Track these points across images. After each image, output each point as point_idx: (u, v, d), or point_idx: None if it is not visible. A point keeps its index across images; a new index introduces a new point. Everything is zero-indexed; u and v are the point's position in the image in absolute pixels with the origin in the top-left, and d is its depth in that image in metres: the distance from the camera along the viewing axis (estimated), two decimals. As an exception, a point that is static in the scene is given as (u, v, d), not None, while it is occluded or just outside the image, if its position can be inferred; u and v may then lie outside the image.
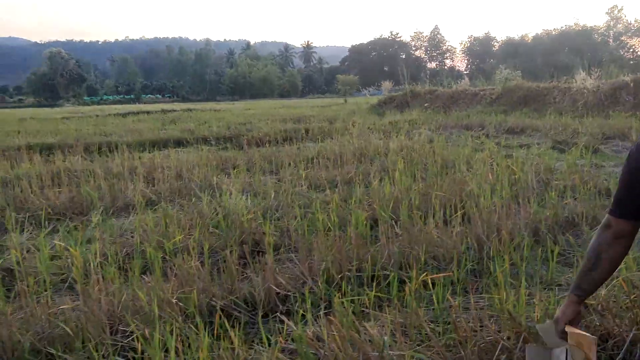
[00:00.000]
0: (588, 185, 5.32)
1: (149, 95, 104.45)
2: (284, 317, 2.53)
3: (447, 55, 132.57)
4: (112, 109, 46.91)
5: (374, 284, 3.20)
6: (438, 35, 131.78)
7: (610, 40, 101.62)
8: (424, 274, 2.77)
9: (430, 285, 2.86)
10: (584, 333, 1.89)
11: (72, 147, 10.96)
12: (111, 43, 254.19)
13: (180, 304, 2.80)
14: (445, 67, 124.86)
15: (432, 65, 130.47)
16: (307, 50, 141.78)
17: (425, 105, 23.08)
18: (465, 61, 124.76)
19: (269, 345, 2.42)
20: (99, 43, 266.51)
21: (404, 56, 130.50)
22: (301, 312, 2.61)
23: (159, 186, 6.35)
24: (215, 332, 2.45)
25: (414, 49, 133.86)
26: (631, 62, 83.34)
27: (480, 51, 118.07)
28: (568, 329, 1.90)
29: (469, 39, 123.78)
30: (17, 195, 5.47)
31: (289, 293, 3.30)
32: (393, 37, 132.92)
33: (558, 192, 5.55)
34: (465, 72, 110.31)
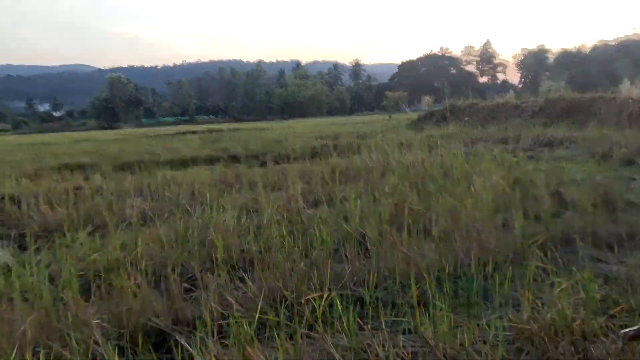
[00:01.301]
0: (589, 199, 4.89)
1: (202, 116, 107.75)
2: (181, 340, 2.38)
3: (499, 69, 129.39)
4: (164, 130, 48.70)
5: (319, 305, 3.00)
6: (489, 49, 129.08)
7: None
8: (329, 294, 2.56)
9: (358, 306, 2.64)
10: None
11: (100, 167, 11.31)
12: (169, 67, 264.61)
13: (105, 324, 2.71)
14: (498, 81, 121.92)
15: (484, 79, 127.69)
16: (356, 68, 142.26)
17: (465, 119, 22.47)
18: (518, 75, 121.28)
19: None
20: (158, 68, 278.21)
21: (454, 71, 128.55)
22: (196, 337, 2.46)
23: (160, 203, 6.38)
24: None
25: (464, 63, 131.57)
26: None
27: (534, 64, 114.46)
28: None
29: (522, 52, 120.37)
30: (13, 212, 5.63)
31: (238, 314, 3.16)
32: (443, 52, 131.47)
33: (564, 205, 5.16)
34: (519, 86, 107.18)
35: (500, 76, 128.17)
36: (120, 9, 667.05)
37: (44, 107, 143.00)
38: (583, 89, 31.52)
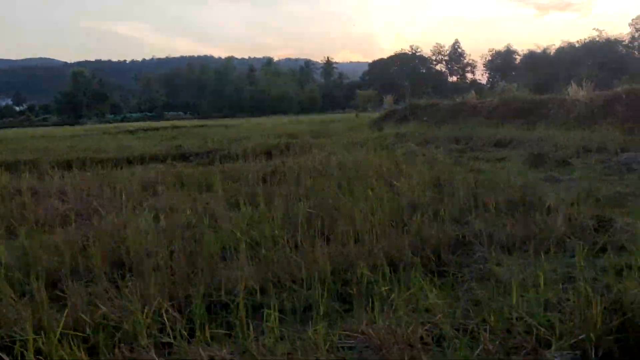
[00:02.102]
0: (503, 201, 4.92)
1: (171, 113, 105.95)
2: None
3: (468, 69, 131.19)
4: (127, 127, 47.68)
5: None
6: (459, 49, 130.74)
7: (636, 52, 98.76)
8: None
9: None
10: None
11: (39, 165, 10.98)
12: (138, 62, 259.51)
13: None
14: (467, 81, 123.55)
15: (454, 79, 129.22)
16: (328, 65, 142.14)
17: (425, 119, 22.67)
18: (487, 75, 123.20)
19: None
20: (126, 62, 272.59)
21: (424, 70, 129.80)
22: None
23: (77, 205, 6.18)
24: None
25: (434, 63, 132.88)
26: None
27: (501, 64, 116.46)
28: None
29: (490, 52, 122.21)
30: None
31: (110, 323, 3.03)
32: (413, 51, 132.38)
33: (476, 207, 5.17)
34: (487, 86, 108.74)
35: (469, 76, 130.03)
36: (87, 0, 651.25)
37: (6, 102, 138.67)
38: (549, 90, 32.20)
